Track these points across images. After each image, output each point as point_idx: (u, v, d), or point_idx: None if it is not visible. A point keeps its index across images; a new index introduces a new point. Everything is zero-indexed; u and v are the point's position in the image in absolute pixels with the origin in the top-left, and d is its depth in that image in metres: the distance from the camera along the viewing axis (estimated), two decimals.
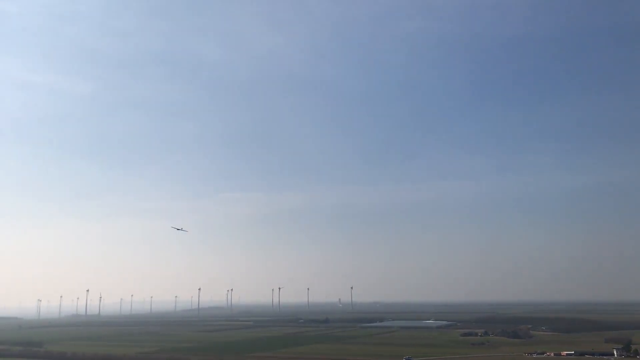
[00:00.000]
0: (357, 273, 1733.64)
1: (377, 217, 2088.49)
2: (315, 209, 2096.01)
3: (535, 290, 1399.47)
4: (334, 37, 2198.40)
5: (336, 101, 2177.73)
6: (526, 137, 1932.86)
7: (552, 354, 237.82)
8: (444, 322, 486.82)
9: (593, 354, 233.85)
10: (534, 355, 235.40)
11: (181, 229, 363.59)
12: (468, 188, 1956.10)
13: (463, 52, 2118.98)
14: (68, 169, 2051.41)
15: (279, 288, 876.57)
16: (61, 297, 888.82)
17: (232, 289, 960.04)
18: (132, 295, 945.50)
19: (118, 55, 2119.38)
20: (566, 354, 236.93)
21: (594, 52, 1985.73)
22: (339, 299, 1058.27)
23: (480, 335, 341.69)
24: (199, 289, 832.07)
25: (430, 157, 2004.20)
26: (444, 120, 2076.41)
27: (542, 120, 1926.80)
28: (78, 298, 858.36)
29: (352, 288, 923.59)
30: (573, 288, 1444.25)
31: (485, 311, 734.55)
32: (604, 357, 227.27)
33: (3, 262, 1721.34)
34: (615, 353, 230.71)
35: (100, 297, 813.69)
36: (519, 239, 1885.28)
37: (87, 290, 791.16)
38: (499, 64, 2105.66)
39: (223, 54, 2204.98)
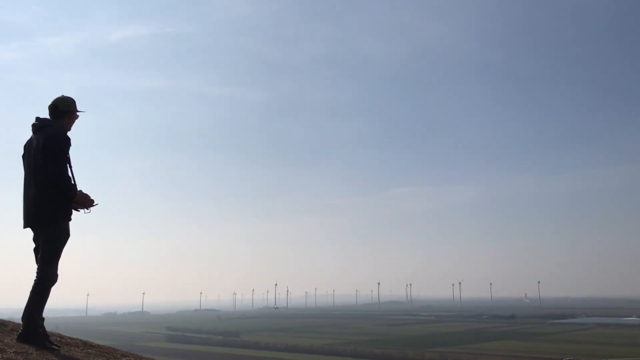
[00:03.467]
0: (544, 266, 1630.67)
1: (564, 208, 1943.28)
2: (493, 201, 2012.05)
3: None
4: (503, 19, 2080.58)
5: (505, 86, 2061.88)
6: None
7: None
8: None
9: None
10: None
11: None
12: None
13: None
14: (247, 172, 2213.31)
15: (459, 282, 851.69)
16: (253, 290, 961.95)
17: (411, 283, 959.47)
18: (315, 289, 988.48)
19: (287, 61, 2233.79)
20: None
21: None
22: (525, 294, 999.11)
23: None
24: (379, 283, 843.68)
25: (621, 138, 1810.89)
26: (629, 99, 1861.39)
27: None
28: (268, 291, 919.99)
29: (539, 282, 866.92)
30: None
31: None
32: None
33: (202, 260, 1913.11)
34: None
35: (288, 291, 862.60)
36: None
37: (276, 284, 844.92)
38: None
39: (386, 49, 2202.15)
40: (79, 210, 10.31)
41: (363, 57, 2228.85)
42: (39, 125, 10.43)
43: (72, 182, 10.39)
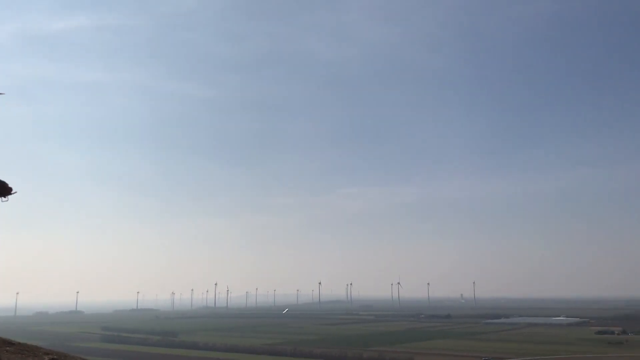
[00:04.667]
0: (481, 268, 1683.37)
1: (502, 210, 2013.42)
2: (433, 203, 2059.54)
3: None
4: (445, 26, 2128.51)
5: (449, 92, 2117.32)
6: None
7: None
8: (576, 319, 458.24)
9: None
10: None
11: None
12: (603, 178, 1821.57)
13: (581, 34, 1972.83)
14: (193, 169, 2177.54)
15: (398, 282, 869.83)
16: (192, 290, 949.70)
17: (351, 283, 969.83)
18: (256, 289, 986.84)
19: (235, 58, 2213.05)
20: None
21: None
22: (461, 294, 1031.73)
23: (618, 334, 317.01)
24: (320, 283, 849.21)
25: (559, 143, 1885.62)
26: (569, 102, 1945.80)
27: None
28: (207, 291, 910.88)
29: (474, 283, 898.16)
30: None
31: (623, 307, 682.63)
32: None
33: (141, 259, 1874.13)
34: None
35: (228, 291, 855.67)
36: None
37: (216, 284, 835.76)
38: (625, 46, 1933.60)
39: (333, 50, 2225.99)
40: None
41: (310, 57, 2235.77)
42: None
43: None
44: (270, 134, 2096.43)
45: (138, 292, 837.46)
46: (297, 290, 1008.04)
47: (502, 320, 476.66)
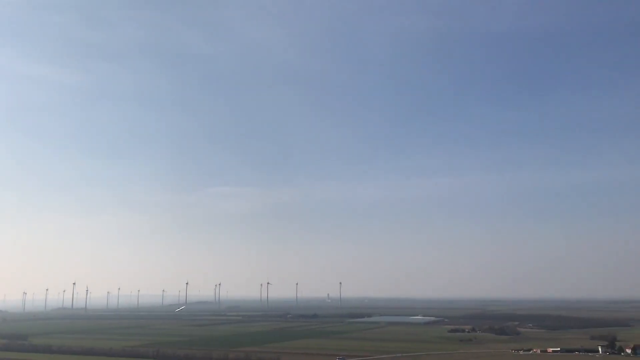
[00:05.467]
0: (346, 269, 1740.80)
1: (368, 213, 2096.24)
2: (304, 205, 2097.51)
3: (523, 287, 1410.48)
4: (326, 31, 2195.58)
5: (328, 96, 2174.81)
6: (519, 134, 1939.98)
7: (539, 351, 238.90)
8: (432, 318, 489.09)
9: (579, 351, 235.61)
10: (521, 352, 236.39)
11: None
12: (461, 185, 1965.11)
13: (453, 48, 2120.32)
14: (54, 161, 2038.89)
15: (268, 283, 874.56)
16: (47, 290, 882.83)
17: (220, 284, 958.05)
18: (119, 289, 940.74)
19: (105, 45, 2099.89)
20: (552, 350, 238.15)
21: (587, 49, 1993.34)
22: (328, 295, 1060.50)
23: (468, 332, 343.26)
24: (187, 283, 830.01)
25: (423, 153, 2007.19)
26: (435, 116, 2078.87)
27: (536, 118, 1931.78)
28: (64, 291, 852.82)
29: (340, 284, 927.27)
30: (560, 285, 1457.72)
31: (473, 308, 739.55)
32: (589, 353, 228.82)
33: None
34: (600, 350, 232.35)
35: (87, 291, 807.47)
36: (509, 236, 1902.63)
37: (74, 284, 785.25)
38: (490, 60, 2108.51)
39: (212, 46, 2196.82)
40: None
41: (186, 50, 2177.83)
42: None
43: None
44: (138, 127, 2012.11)
45: None
46: (163, 290, 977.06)
47: (365, 319, 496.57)
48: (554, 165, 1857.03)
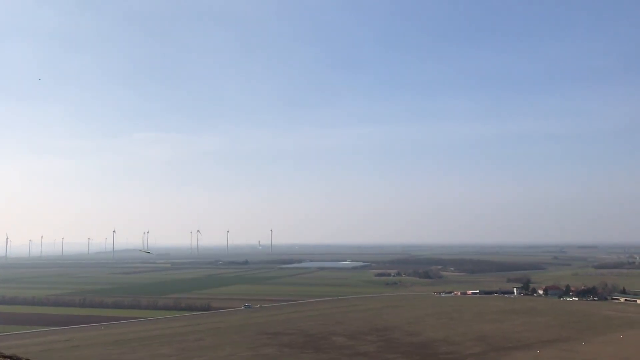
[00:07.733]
0: (277, 216, 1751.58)
1: (296, 161, 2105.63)
2: (234, 152, 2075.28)
3: (445, 233, 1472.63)
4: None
5: (256, 41, 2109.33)
6: (439, 83, 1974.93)
7: (459, 293, 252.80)
8: (360, 263, 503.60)
9: (496, 293, 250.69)
10: (443, 294, 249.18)
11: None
12: (387, 133, 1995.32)
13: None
14: None
15: (198, 231, 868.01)
16: None
17: (148, 231, 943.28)
18: (41, 237, 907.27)
19: None
20: (472, 292, 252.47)
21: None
22: (259, 241, 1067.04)
23: (393, 276, 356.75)
24: (114, 231, 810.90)
25: (347, 103, 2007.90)
26: (361, 67, 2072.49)
27: (460, 67, 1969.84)
28: None
29: (272, 230, 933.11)
30: (481, 232, 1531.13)
31: (398, 253, 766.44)
32: (505, 295, 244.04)
33: None
34: (515, 291, 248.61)
35: (7, 239, 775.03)
36: (431, 184, 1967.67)
37: None
38: (418, 4, 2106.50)
39: None
40: None
41: None
42: None
43: None
44: (55, 68, 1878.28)
45: None
46: (89, 239, 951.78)
47: (295, 265, 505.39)
48: (478, 118, 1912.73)
